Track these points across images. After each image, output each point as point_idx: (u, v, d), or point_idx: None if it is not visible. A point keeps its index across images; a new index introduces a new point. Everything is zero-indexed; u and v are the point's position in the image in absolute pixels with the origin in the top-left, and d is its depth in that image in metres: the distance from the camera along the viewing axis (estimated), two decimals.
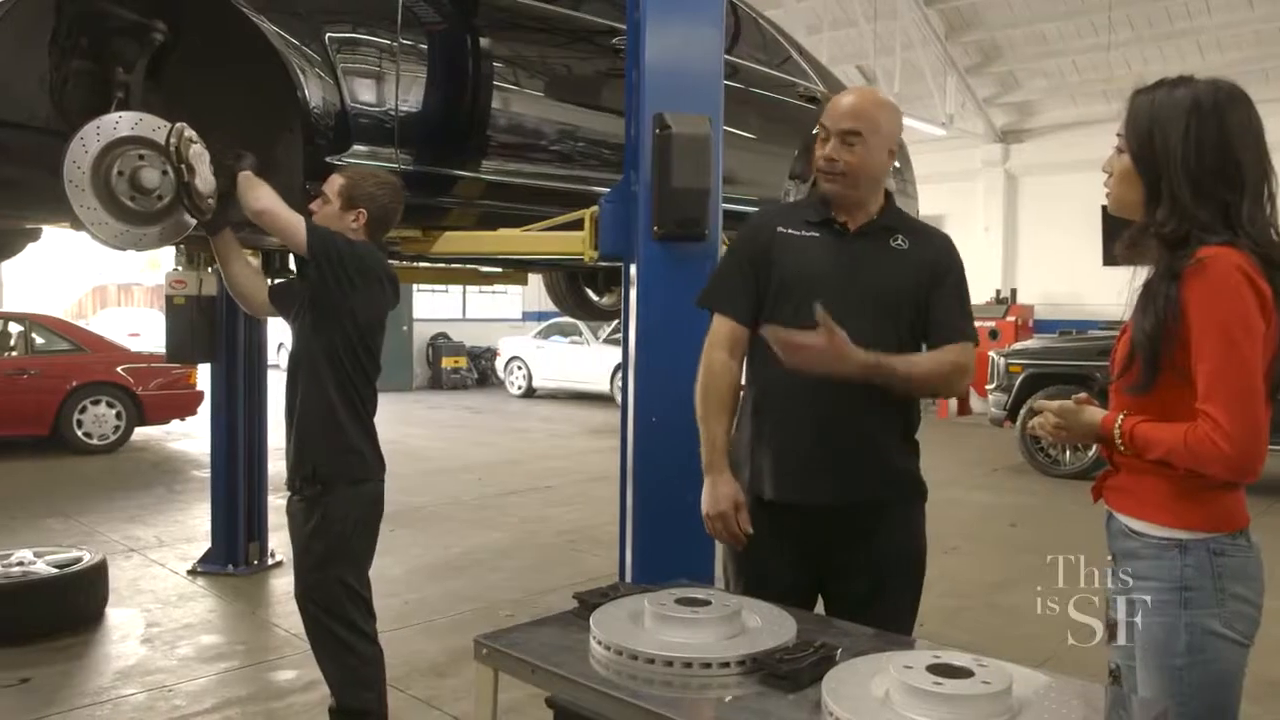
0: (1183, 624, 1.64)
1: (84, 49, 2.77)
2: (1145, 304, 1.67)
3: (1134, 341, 1.68)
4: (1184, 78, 1.72)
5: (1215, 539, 1.65)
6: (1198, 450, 1.59)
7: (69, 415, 9.04)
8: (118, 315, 22.27)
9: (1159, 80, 1.74)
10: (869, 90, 2.35)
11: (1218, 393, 1.58)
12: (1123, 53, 12.12)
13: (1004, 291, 13.97)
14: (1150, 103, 1.70)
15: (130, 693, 3.62)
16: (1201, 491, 1.65)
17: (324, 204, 2.85)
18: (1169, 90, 1.70)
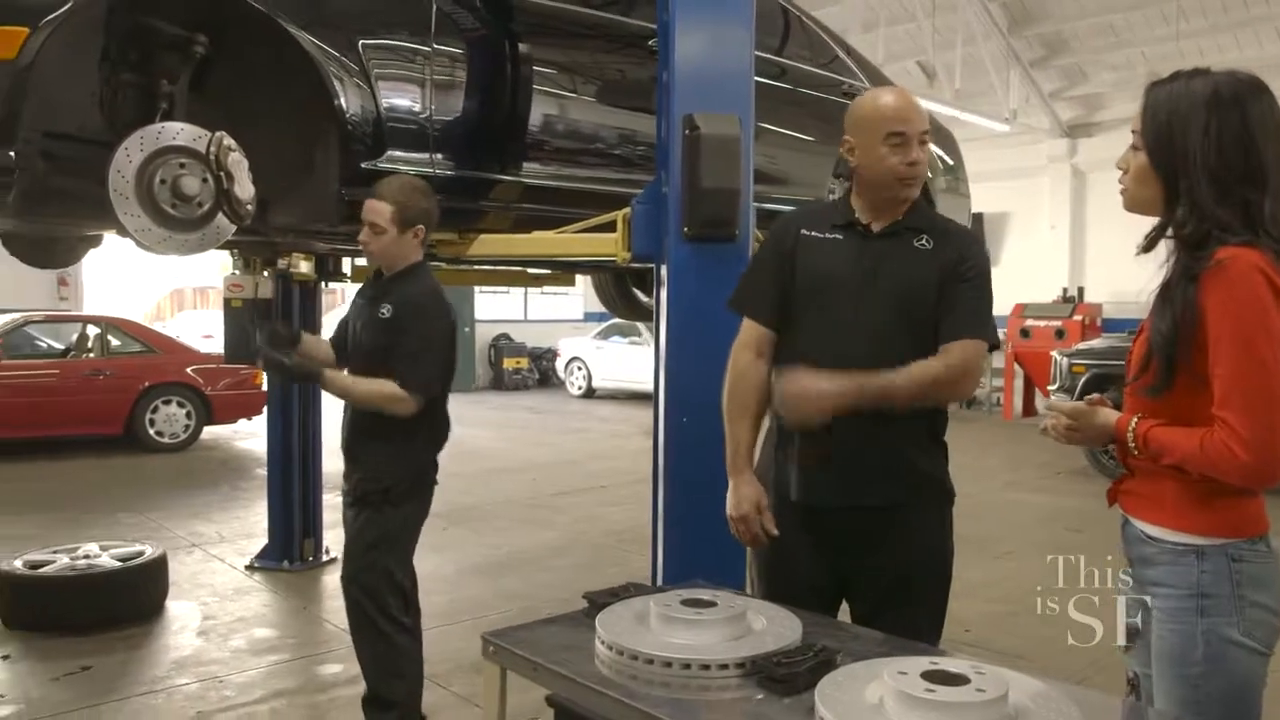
0: (1199, 632, 1.60)
1: (131, 63, 2.88)
2: (1163, 306, 1.63)
3: (1151, 343, 1.64)
4: (1201, 69, 1.66)
5: (1233, 545, 1.61)
6: (1213, 457, 1.54)
7: (142, 415, 9.38)
8: (194, 318, 22.99)
9: (1175, 72, 1.68)
10: (900, 88, 2.33)
11: (1235, 398, 1.53)
12: (1195, 42, 11.72)
13: (1070, 290, 13.61)
14: (1167, 96, 1.65)
15: (184, 682, 3.75)
16: (1219, 496, 1.60)
17: (377, 234, 2.90)
18: (1186, 82, 1.64)
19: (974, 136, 12.39)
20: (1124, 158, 1.73)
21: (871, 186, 2.21)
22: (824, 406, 2.05)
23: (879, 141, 2.15)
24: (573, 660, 1.69)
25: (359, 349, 3.05)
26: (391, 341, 2.90)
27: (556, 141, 3.63)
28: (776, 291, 2.26)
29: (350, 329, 3.11)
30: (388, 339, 2.91)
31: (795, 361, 2.21)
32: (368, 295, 3.07)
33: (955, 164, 5.88)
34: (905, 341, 2.16)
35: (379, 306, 2.95)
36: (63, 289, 13.55)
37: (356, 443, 3.01)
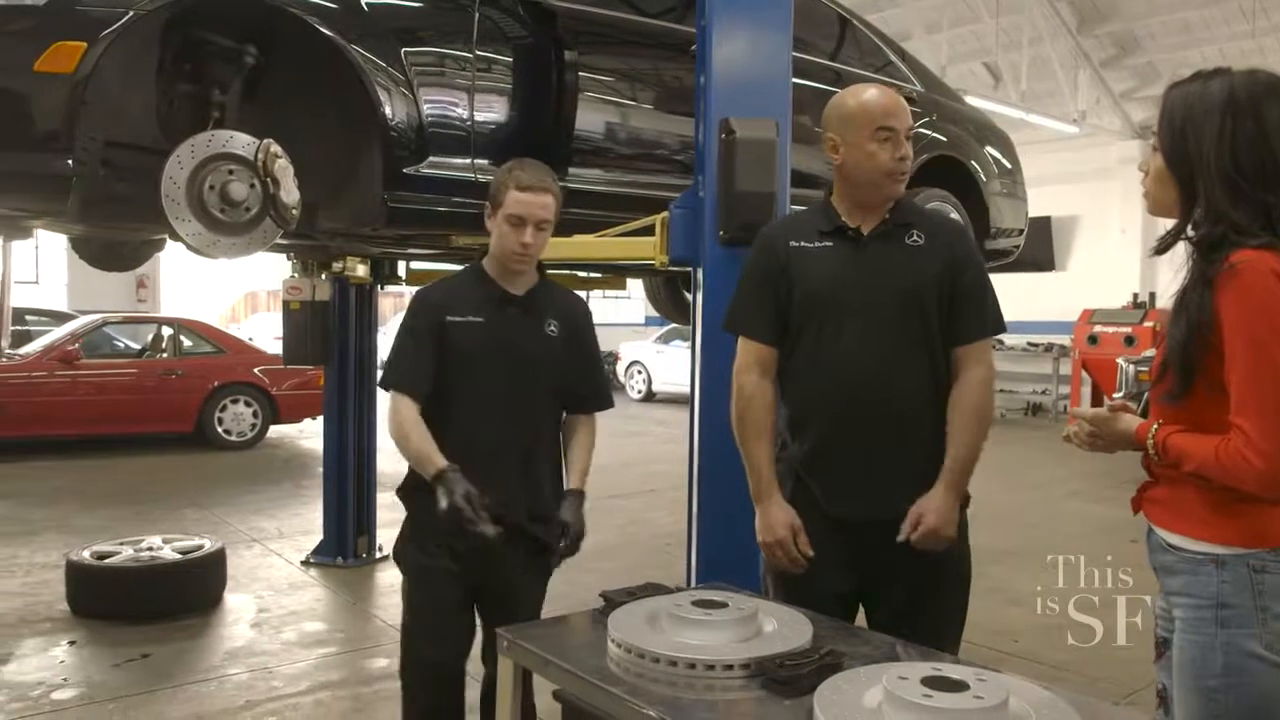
0: (1219, 644, 1.56)
1: (185, 74, 3.00)
2: (1178, 311, 1.60)
3: (1167, 350, 1.61)
4: (1221, 69, 1.63)
5: (1256, 555, 1.56)
6: (1229, 465, 1.51)
7: (211, 413, 9.68)
8: (266, 320, 23.66)
9: (1195, 72, 1.65)
10: (882, 84, 2.31)
11: (1250, 405, 1.50)
12: (1275, 38, 11.32)
13: (1141, 295, 13.23)
14: (1182, 98, 1.62)
15: (235, 672, 3.87)
16: (1240, 504, 1.56)
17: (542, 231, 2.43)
18: (1203, 84, 1.61)
19: (1041, 139, 12.15)
20: (1145, 160, 1.72)
21: (858, 185, 2.19)
22: (953, 529, 2.14)
23: (868, 138, 2.14)
24: (583, 657, 1.72)
25: (524, 378, 2.43)
26: (570, 365, 2.50)
27: (598, 146, 3.67)
28: (772, 309, 2.24)
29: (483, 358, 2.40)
30: (563, 361, 2.49)
31: (801, 377, 2.22)
32: (502, 310, 2.43)
33: (1012, 167, 5.77)
34: (910, 343, 2.16)
35: (541, 322, 2.46)
36: (140, 291, 14.07)
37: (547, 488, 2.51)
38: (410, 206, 3.16)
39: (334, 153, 3.17)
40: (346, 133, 3.15)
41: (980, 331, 2.19)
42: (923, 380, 2.18)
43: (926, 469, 2.18)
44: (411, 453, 2.32)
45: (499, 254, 2.43)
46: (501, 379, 2.40)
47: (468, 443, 2.33)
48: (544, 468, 2.50)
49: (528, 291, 2.48)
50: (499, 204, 2.39)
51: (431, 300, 2.48)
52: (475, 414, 2.39)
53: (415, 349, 2.41)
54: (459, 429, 2.37)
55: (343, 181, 3.20)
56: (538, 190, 2.37)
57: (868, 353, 2.15)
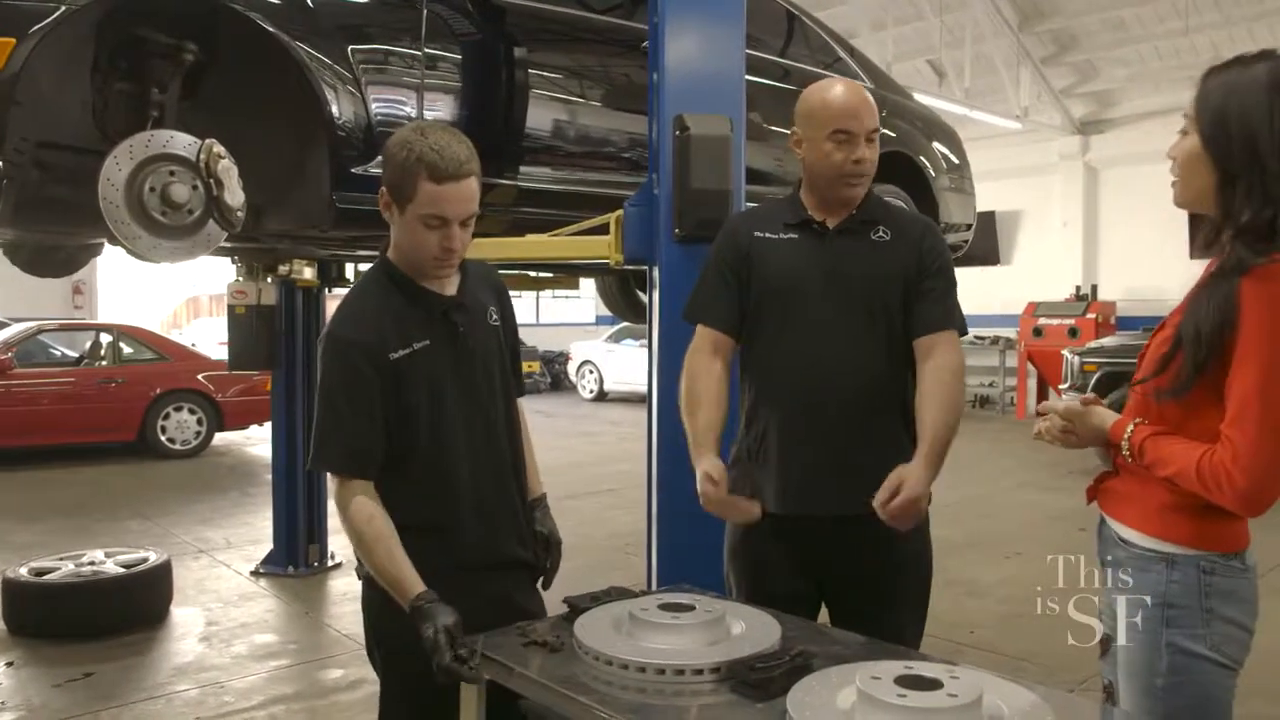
0: (1164, 643, 1.55)
1: (122, 72, 2.89)
2: (1203, 302, 1.51)
3: (1182, 341, 1.53)
4: (1264, 52, 1.55)
5: (1207, 557, 1.55)
6: (1209, 479, 1.47)
7: (154, 421, 9.45)
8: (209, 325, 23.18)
9: (1234, 57, 1.58)
10: (850, 81, 2.29)
11: (1249, 421, 1.45)
12: (1208, 36, 11.61)
13: (1084, 288, 13.51)
14: (1225, 82, 1.54)
15: (184, 688, 3.76)
16: (1200, 507, 1.54)
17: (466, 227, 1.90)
18: (1247, 67, 1.54)
19: (985, 135, 12.33)
20: (1174, 146, 1.61)
21: (816, 182, 2.18)
22: (924, 505, 2.06)
23: (824, 137, 2.12)
24: (549, 666, 1.68)
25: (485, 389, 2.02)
26: (512, 351, 2.13)
27: (549, 145, 3.62)
28: (732, 299, 2.21)
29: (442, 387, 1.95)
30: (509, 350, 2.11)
31: (760, 369, 2.19)
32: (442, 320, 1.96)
33: (960, 162, 5.84)
34: (871, 338, 2.15)
35: (482, 315, 2.04)
36: (77, 298, 13.67)
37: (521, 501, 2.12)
38: (359, 208, 3.08)
39: (279, 153, 3.09)
40: (292, 132, 3.07)
41: (947, 322, 2.16)
42: (883, 375, 2.17)
43: (884, 464, 2.17)
44: (378, 570, 1.85)
45: (415, 260, 1.91)
46: (466, 404, 1.97)
47: (442, 489, 1.94)
48: (516, 482, 2.10)
49: (459, 286, 2.00)
50: (406, 197, 1.83)
51: (353, 339, 1.88)
52: (443, 454, 1.94)
53: (352, 414, 1.86)
54: (430, 478, 1.94)
55: (289, 182, 3.11)
56: (460, 178, 1.82)
57: (827, 345, 2.13)
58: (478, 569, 1.96)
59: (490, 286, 2.10)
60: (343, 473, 1.88)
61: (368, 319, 1.90)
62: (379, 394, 1.87)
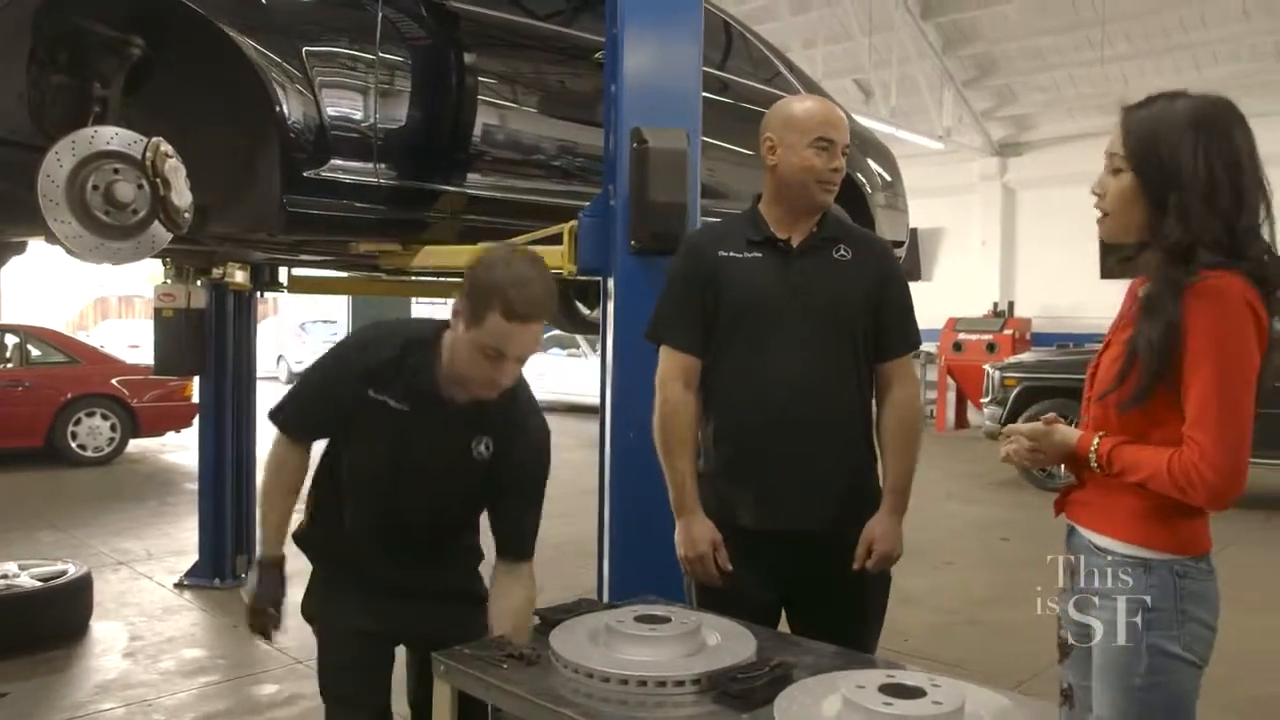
0: (1144, 645, 1.62)
1: (62, 64, 2.77)
2: (1150, 317, 1.61)
3: (1137, 354, 1.62)
4: (1178, 92, 1.67)
5: (1180, 561, 1.63)
6: (1180, 478, 1.56)
7: (63, 427, 9.06)
8: (118, 327, 22.34)
9: (1153, 95, 1.68)
10: (827, 98, 2.36)
11: (1209, 421, 1.55)
12: (1120, 67, 12.12)
13: (1001, 305, 13.95)
14: (1149, 117, 1.65)
15: (109, 707, 3.61)
16: (1171, 512, 1.62)
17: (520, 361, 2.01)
18: (1167, 103, 1.65)
19: (909, 154, 12.61)
20: (1100, 183, 1.71)
21: (789, 188, 2.22)
22: (900, 548, 2.20)
23: (806, 144, 2.17)
24: (527, 679, 1.66)
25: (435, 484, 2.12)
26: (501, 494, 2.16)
27: (502, 153, 3.59)
28: (698, 318, 2.23)
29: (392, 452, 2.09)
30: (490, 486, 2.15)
31: (727, 389, 2.23)
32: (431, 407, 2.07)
33: (894, 180, 5.98)
34: (836, 356, 2.20)
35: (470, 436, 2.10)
36: None
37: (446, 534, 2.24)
38: (311, 211, 3.02)
39: (228, 153, 3.00)
40: (242, 132, 2.98)
41: (904, 347, 2.25)
42: (848, 393, 2.22)
43: (851, 480, 2.23)
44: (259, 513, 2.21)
45: (461, 376, 2.00)
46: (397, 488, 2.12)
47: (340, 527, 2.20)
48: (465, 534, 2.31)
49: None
50: (476, 320, 1.89)
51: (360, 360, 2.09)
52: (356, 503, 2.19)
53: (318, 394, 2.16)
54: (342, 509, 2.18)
55: (237, 184, 3.03)
56: (530, 321, 1.90)
57: (795, 364, 2.17)
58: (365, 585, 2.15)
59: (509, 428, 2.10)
60: (282, 428, 2.16)
61: (384, 356, 2.05)
62: (347, 403, 2.08)
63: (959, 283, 14.24)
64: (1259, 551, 6.29)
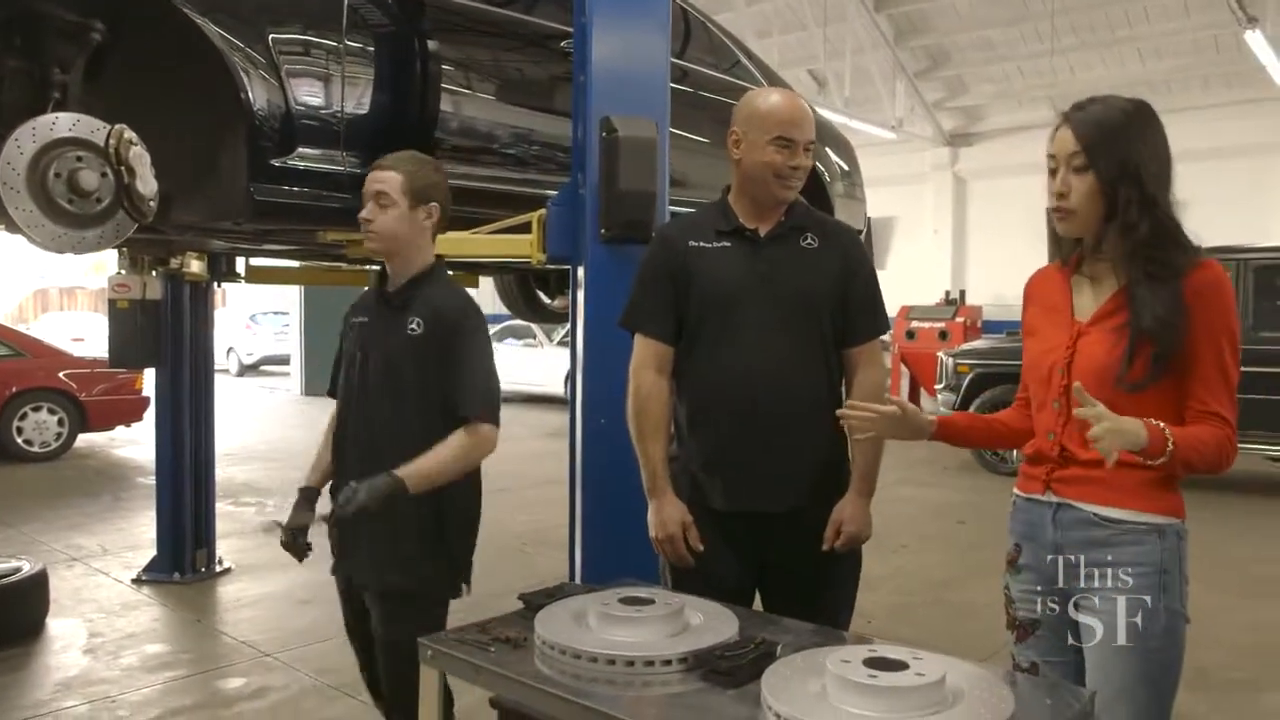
0: (1162, 607, 1.71)
1: (19, 48, 2.72)
2: (1151, 300, 1.69)
3: (1149, 336, 1.68)
4: (1106, 96, 1.80)
5: (1179, 525, 1.76)
6: (1228, 451, 1.69)
7: (8, 422, 8.81)
8: (60, 319, 21.77)
9: (1086, 99, 1.79)
10: (793, 92, 2.39)
11: (1225, 395, 1.69)
12: (1066, 59, 12.38)
13: (953, 293, 14.18)
14: (1093, 118, 1.75)
15: (72, 704, 3.55)
16: (1171, 480, 1.74)
17: (384, 207, 2.40)
18: (1103, 105, 1.77)
19: (862, 143, 12.73)
20: (1062, 182, 1.77)
21: (752, 181, 2.26)
22: (869, 529, 2.28)
23: (768, 141, 2.21)
24: (515, 661, 1.68)
25: (382, 376, 2.40)
26: (439, 368, 2.36)
27: (469, 141, 3.58)
28: (670, 307, 2.28)
29: (356, 357, 2.45)
30: (430, 363, 2.37)
31: (699, 376, 2.26)
32: (379, 308, 2.46)
33: (851, 169, 6.06)
34: (805, 342, 2.25)
35: (404, 319, 2.38)
36: None
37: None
38: (277, 200, 2.99)
39: (192, 141, 2.96)
40: (206, 119, 2.94)
41: (871, 333, 2.31)
42: (818, 377, 2.27)
43: (821, 463, 2.27)
44: None
45: None
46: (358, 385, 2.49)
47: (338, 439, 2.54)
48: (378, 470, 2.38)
49: (394, 288, 2.48)
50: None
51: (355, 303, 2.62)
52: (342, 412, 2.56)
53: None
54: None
55: (202, 172, 2.99)
56: (378, 167, 2.48)
57: (765, 351, 2.22)
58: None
59: (433, 305, 2.41)
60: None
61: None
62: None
63: (912, 271, 14.45)
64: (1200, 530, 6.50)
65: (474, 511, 2.53)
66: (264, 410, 13.63)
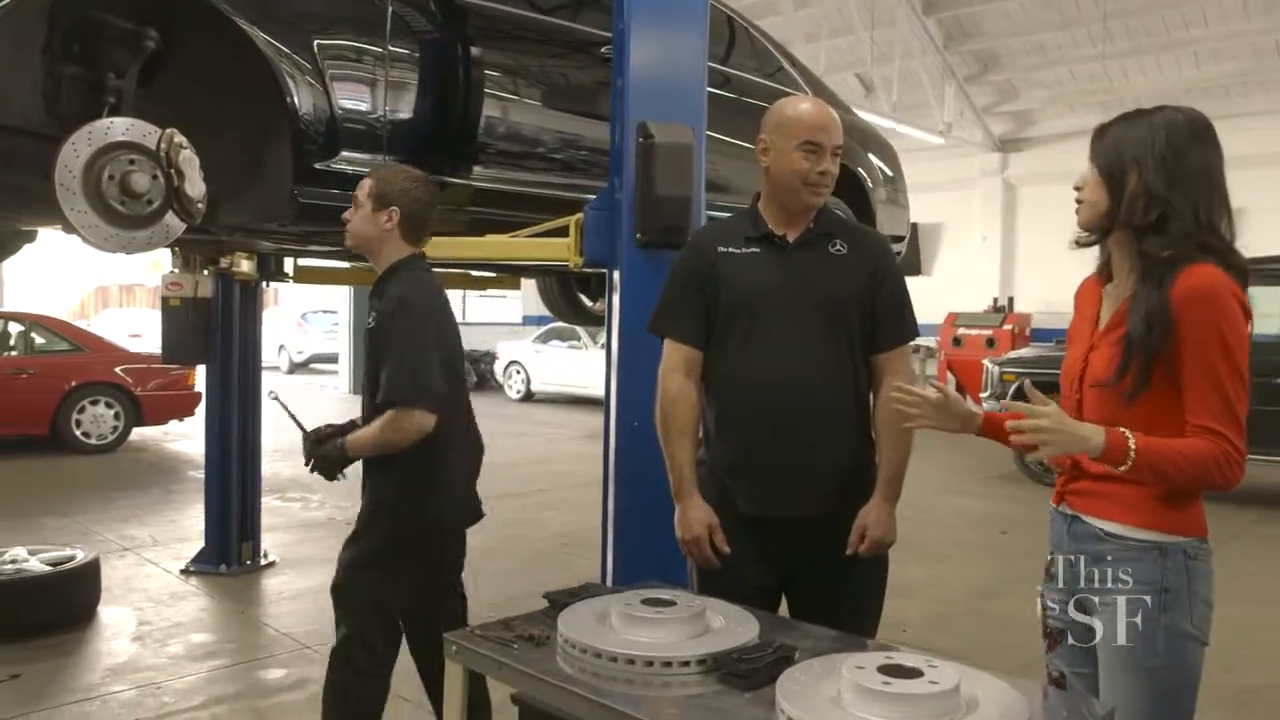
0: (1162, 626, 1.68)
1: (77, 55, 2.82)
2: (1145, 300, 1.69)
3: (1132, 344, 1.68)
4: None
5: (1190, 543, 1.71)
6: (1227, 469, 1.63)
7: (67, 415, 9.10)
8: (119, 316, 22.36)
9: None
10: (821, 100, 2.39)
11: (1219, 408, 1.63)
12: (1120, 63, 12.17)
13: (1001, 300, 14.00)
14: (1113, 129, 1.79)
15: (119, 689, 3.66)
16: (1180, 498, 1.71)
17: (355, 210, 2.65)
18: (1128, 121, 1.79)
19: (910, 148, 12.66)
20: (1081, 177, 1.82)
21: (779, 189, 2.27)
22: (894, 535, 2.26)
23: (794, 147, 2.22)
24: (537, 659, 1.72)
25: (366, 370, 2.69)
26: (380, 352, 2.57)
27: (509, 145, 3.63)
28: (699, 312, 2.29)
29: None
30: (376, 349, 2.59)
31: (727, 380, 2.28)
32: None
33: (895, 175, 6.02)
34: (832, 347, 2.25)
35: (370, 314, 2.66)
36: None
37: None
38: (321, 202, 3.06)
39: (239, 144, 3.05)
40: (253, 124, 3.03)
41: (900, 339, 2.31)
42: (844, 383, 2.27)
43: (848, 468, 2.28)
44: None
45: None
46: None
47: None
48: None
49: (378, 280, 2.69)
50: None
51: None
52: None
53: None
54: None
55: (249, 175, 3.07)
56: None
57: (792, 356, 2.23)
58: None
59: (384, 296, 2.60)
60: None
61: None
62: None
63: (959, 277, 14.30)
64: (1256, 548, 6.36)
65: (422, 491, 2.62)
66: (312, 407, 13.88)
